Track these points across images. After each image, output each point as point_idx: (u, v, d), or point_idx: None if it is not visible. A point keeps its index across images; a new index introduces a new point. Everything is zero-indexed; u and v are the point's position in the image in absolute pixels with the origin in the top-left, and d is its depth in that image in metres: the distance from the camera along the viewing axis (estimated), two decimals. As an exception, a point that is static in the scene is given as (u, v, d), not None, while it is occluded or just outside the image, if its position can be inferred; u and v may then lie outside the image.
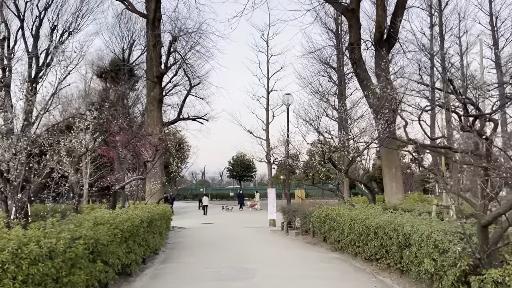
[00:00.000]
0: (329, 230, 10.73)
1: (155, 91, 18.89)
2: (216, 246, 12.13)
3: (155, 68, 18.49)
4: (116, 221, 6.72)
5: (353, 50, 18.81)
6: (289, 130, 16.13)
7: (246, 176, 70.88)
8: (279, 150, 19.48)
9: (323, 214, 11.29)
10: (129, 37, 30.72)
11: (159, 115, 18.60)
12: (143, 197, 14.43)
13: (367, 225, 8.11)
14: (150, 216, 8.72)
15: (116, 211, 8.10)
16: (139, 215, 8.05)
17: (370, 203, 11.60)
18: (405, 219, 6.96)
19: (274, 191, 19.70)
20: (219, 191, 75.61)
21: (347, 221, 9.34)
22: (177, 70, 31.69)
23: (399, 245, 6.80)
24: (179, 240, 13.60)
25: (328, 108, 23.58)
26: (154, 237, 9.34)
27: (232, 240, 13.99)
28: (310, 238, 13.32)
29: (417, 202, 14.77)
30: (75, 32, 26.54)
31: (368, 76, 18.51)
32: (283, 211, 16.31)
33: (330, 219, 10.70)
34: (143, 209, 8.88)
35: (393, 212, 8.82)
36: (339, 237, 9.92)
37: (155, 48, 17.99)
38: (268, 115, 20.64)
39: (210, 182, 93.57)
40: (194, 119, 33.86)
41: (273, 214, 18.99)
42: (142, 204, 12.52)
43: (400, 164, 17.42)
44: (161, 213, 10.51)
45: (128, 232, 7.10)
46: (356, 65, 18.62)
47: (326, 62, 27.12)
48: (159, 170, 17.99)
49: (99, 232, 5.77)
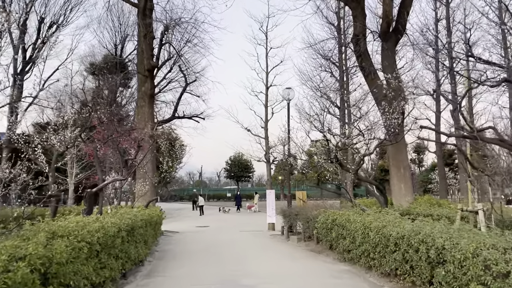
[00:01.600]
0: (337, 237, 9.51)
1: (146, 85, 17.64)
2: (210, 255, 10.88)
3: (146, 61, 17.24)
4: (83, 231, 5.47)
5: (358, 42, 17.59)
6: (290, 127, 14.86)
7: (244, 177, 69.71)
8: (278, 149, 18.26)
9: (330, 219, 10.06)
10: (121, 31, 29.43)
11: (151, 111, 17.36)
12: (129, 200, 13.16)
13: (386, 235, 6.89)
14: (131, 223, 7.47)
15: (89, 218, 6.85)
16: (116, 222, 6.80)
17: (382, 206, 10.39)
18: (436, 229, 5.73)
19: (274, 192, 18.48)
20: (216, 191, 74.42)
21: (359, 229, 8.13)
22: (172, 66, 30.42)
23: (429, 261, 5.58)
24: (170, 248, 12.34)
25: (330, 106, 22.45)
26: (138, 246, 8.09)
27: (228, 247, 12.76)
28: (314, 245, 12.09)
29: (429, 205, 13.57)
30: (64, 25, 25.24)
31: (374, 69, 17.30)
32: (284, 214, 15.08)
33: (338, 225, 9.48)
34: (122, 215, 7.63)
35: (408, 217, 7.65)
36: (349, 247, 8.70)
37: (146, 39, 16.74)
38: (267, 112, 19.43)
39: (207, 183, 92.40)
40: (190, 118, 32.59)
41: (272, 218, 17.76)
42: (127, 208, 11.28)
43: (409, 164, 16.20)
44: (147, 219, 9.27)
45: (100, 244, 5.85)
46: (361, 58, 17.39)
47: (327, 57, 25.94)
48: (150, 170, 16.74)
49: (54, 248, 4.52)
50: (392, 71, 16.22)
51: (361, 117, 13.38)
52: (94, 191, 7.75)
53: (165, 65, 30.06)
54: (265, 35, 21.84)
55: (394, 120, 10.09)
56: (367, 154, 9.34)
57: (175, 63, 30.19)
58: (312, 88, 24.17)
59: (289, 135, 13.84)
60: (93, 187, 13.39)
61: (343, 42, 23.23)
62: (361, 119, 13.41)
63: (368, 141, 9.23)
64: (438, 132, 11.38)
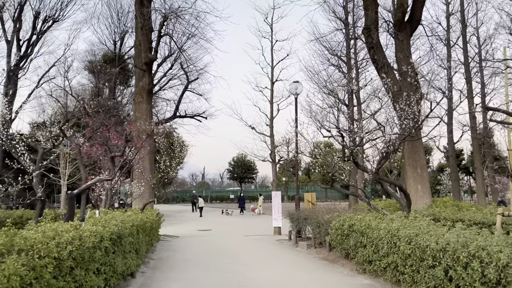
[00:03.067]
0: (356, 246, 8.36)
1: (144, 80, 16.55)
2: (210, 264, 9.76)
3: (144, 54, 16.16)
4: (50, 244, 4.37)
5: (370, 34, 16.47)
6: (298, 123, 13.68)
7: (247, 178, 68.69)
8: (283, 149, 17.12)
9: (346, 224, 8.92)
10: (120, 27, 28.40)
11: (149, 107, 16.29)
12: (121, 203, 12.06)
13: (421, 245, 5.74)
14: (117, 230, 6.36)
15: (66, 225, 5.75)
16: (98, 231, 5.69)
17: (404, 210, 9.23)
18: (494, 241, 4.58)
19: (280, 194, 17.33)
20: (219, 193, 73.32)
21: (384, 237, 6.98)
22: (173, 63, 29.40)
23: (483, 282, 4.44)
24: (167, 255, 11.21)
25: (338, 103, 21.27)
26: (126, 257, 6.97)
27: (232, 254, 11.63)
28: (326, 252, 10.94)
29: (456, 208, 12.40)
30: (60, 20, 24.25)
31: (388, 62, 16.15)
32: (291, 218, 13.94)
33: (356, 231, 8.33)
34: (107, 221, 6.51)
35: (437, 222, 6.53)
36: (371, 257, 7.55)
37: (144, 30, 15.67)
38: (272, 109, 18.29)
39: (210, 184, 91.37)
40: (192, 117, 31.56)
41: (278, 221, 16.62)
42: (119, 212, 10.19)
43: (426, 164, 15.03)
44: (139, 224, 8.15)
45: (74, 259, 4.75)
46: (374, 50, 16.26)
47: (335, 53, 24.79)
48: (147, 171, 15.65)
49: (2, 269, 3.41)
50: (408, 64, 15.07)
51: (375, 113, 12.23)
52: (76, 193, 6.65)
53: (166, 62, 29.05)
54: (270, 27, 20.77)
55: (416, 114, 8.97)
56: (392, 151, 8.20)
57: (176, 60, 29.16)
58: (318, 84, 23.03)
59: (297, 132, 12.72)
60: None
61: (352, 35, 22.07)
62: (374, 114, 12.30)
63: (390, 136, 8.07)
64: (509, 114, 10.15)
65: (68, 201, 6.53)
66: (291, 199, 60.62)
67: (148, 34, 16.09)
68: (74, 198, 6.67)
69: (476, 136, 21.68)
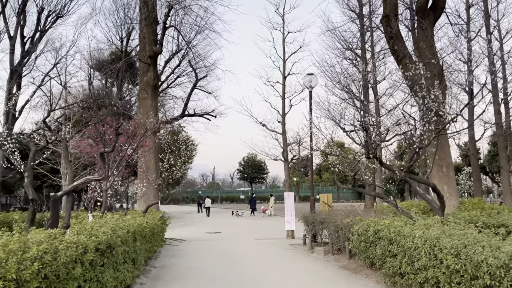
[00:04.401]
0: (383, 255, 7.30)
1: (149, 75, 15.67)
2: (218, 274, 8.78)
3: (148, 47, 15.28)
4: (9, 262, 3.43)
5: (389, 23, 15.35)
6: (312, 118, 12.60)
7: (257, 178, 67.70)
8: (295, 149, 16.05)
9: (371, 230, 7.85)
10: (127, 23, 27.64)
11: (154, 103, 15.41)
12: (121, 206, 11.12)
13: (473, 260, 4.68)
14: (107, 239, 5.40)
15: (41, 234, 4.83)
16: (81, 240, 4.74)
17: (436, 214, 8.13)
18: None
19: (292, 195, 16.30)
20: (229, 193, 72.45)
21: (420, 246, 5.92)
22: (181, 60, 28.59)
23: None
24: (171, 262, 10.26)
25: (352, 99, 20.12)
26: (119, 269, 6.01)
27: (241, 261, 10.63)
28: (346, 260, 9.88)
29: (481, 210, 11.25)
30: (65, 15, 23.51)
31: (409, 52, 15.02)
32: (306, 221, 12.90)
33: (384, 239, 7.26)
34: (94, 228, 5.56)
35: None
36: (403, 269, 6.47)
37: (147, 20, 14.78)
38: (284, 104, 17.25)
39: (220, 184, 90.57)
40: (201, 116, 30.72)
41: (291, 224, 15.59)
42: (118, 215, 9.25)
43: (452, 162, 13.86)
44: (137, 230, 7.20)
45: (46, 277, 3.82)
46: (394, 41, 15.14)
47: (349, 47, 23.64)
48: (153, 170, 14.75)
49: None
50: (432, 54, 13.92)
51: (395, 107, 11.11)
52: (61, 195, 5.74)
53: (174, 58, 28.23)
54: (282, 18, 19.69)
55: (441, 107, 7.90)
56: (423, 146, 7.12)
57: (184, 57, 28.34)
58: (332, 79, 21.90)
59: (312, 127, 11.67)
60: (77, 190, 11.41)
61: (368, 27, 20.92)
62: (395, 109, 11.20)
63: (424, 129, 6.98)
64: None
65: (51, 204, 5.63)
66: (302, 199, 59.50)
67: (152, 26, 15.20)
68: (58, 201, 5.76)
69: (501, 133, 20.36)
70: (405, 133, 7.30)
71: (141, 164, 13.67)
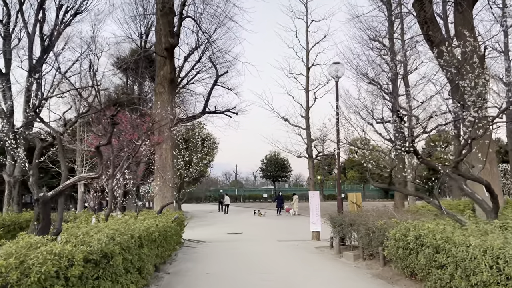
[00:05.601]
0: (427, 265, 6.23)
1: (165, 68, 14.96)
2: (237, 282, 7.90)
3: (164, 39, 14.55)
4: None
5: (422, 7, 14.11)
6: (339, 110, 11.53)
7: (280, 177, 66.62)
8: (322, 141, 14.98)
9: (411, 235, 6.78)
10: (146, 19, 27.14)
11: (171, 98, 14.68)
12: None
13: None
14: (100, 248, 4.57)
15: (27, 242, 4.06)
16: (65, 252, 3.93)
17: (488, 216, 7.00)
18: None
19: (318, 194, 15.28)
20: (252, 192, 71.65)
21: (479, 257, 4.85)
22: (201, 56, 27.93)
23: None
24: (187, 267, 9.45)
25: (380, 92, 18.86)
26: (120, 280, 5.19)
27: (263, 266, 9.70)
28: (380, 267, 8.83)
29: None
30: (83, 11, 23.18)
31: (445, 37, 13.75)
32: (333, 222, 11.87)
33: (428, 246, 6.19)
34: (88, 234, 4.75)
35: None
36: (457, 283, 5.40)
37: (163, 11, 14.04)
38: (308, 97, 16.23)
39: (243, 183, 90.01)
40: (222, 113, 30.03)
41: (317, 225, 14.58)
42: (130, 216, 8.51)
43: (495, 157, 12.53)
44: (144, 235, 6.38)
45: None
46: (428, 26, 13.89)
47: (376, 38, 22.32)
48: (169, 168, 14.01)
49: None
50: (473, 38, 12.61)
51: (437, 92, 9.94)
52: (51, 195, 4.98)
53: (193, 54, 27.59)
54: (305, 5, 18.66)
55: (482, 97, 6.76)
56: (477, 137, 6.02)
57: (204, 52, 27.68)
58: (358, 72, 20.67)
59: (339, 119, 10.65)
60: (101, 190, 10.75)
61: (398, 14, 19.57)
62: (430, 99, 10.06)
63: (477, 117, 5.86)
64: None
65: (40, 206, 4.87)
66: (327, 198, 58.07)
67: (168, 16, 14.45)
68: (48, 203, 5.01)
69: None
70: (456, 120, 6.19)
71: (157, 162, 12.96)
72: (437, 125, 7.36)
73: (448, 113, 7.36)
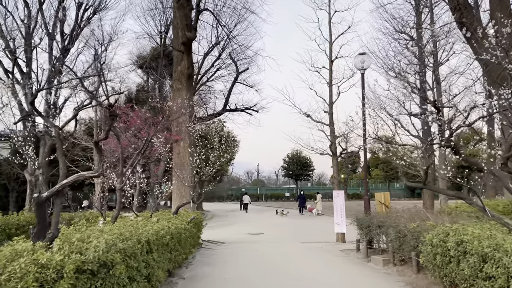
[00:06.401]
0: (473, 275, 5.44)
1: (183, 64, 14.50)
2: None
3: (181, 32, 14.06)
4: None
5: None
6: (365, 103, 10.74)
7: (303, 175, 65.60)
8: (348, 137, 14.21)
9: (451, 241, 5.99)
10: (166, 15, 26.85)
11: (189, 94, 14.19)
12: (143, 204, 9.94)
13: None
14: (97, 256, 4.03)
15: (12, 250, 3.55)
16: (54, 262, 3.40)
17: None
18: None
19: (342, 194, 14.50)
20: (274, 191, 70.95)
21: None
22: (221, 52, 27.44)
23: None
24: (203, 271, 8.90)
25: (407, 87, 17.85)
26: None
27: (285, 271, 9.04)
28: (413, 274, 8.04)
29: None
30: (103, 9, 23.00)
31: (481, 24, 12.74)
32: (360, 224, 11.10)
33: (473, 254, 5.40)
34: (82, 243, 4.22)
35: None
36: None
37: (179, 3, 13.56)
38: (331, 92, 15.42)
39: (265, 182, 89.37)
40: (243, 110, 29.47)
41: (341, 226, 13.82)
42: (142, 217, 8.03)
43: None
44: (153, 239, 5.84)
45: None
46: (460, 12, 12.91)
47: (403, 30, 21.24)
48: (187, 166, 13.52)
49: None
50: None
51: (467, 88, 9.07)
52: (47, 196, 4.49)
53: (210, 51, 27.16)
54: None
55: None
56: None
57: (224, 49, 27.19)
58: (384, 66, 19.67)
59: (365, 113, 9.88)
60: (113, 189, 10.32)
61: (427, 2, 18.46)
62: (470, 87, 9.25)
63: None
64: None
65: (35, 208, 4.39)
66: (351, 197, 56.84)
67: (184, 9, 13.95)
68: (44, 204, 4.53)
69: None
70: (504, 110, 5.38)
71: (175, 160, 12.50)
72: (480, 116, 6.54)
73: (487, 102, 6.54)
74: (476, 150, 29.45)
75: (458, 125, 5.81)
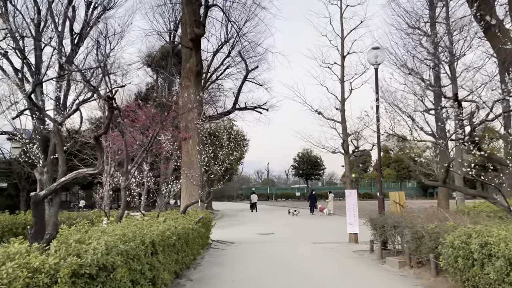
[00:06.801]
0: (499, 280, 5.07)
1: (191, 61, 14.26)
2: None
3: (189, 29, 13.83)
4: None
5: (472, -16, 12.67)
6: (379, 99, 10.34)
7: (313, 175, 65.03)
8: (360, 135, 13.81)
9: (475, 243, 5.61)
10: (175, 13, 26.67)
11: (197, 92, 13.95)
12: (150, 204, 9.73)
13: None
14: (96, 259, 3.76)
15: (4, 253, 3.31)
16: (47, 266, 3.14)
17: None
18: None
19: (355, 193, 14.11)
20: (284, 190, 70.59)
21: None
22: (230, 50, 27.19)
23: None
24: (211, 272, 8.63)
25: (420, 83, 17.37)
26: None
27: (296, 272, 8.72)
28: (431, 277, 7.66)
29: None
30: (112, 8, 22.88)
31: (498, 17, 12.26)
32: (374, 224, 10.71)
33: (499, 257, 5.03)
34: (86, 243, 3.96)
35: None
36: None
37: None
38: (343, 88, 15.02)
39: (275, 181, 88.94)
40: (253, 109, 29.20)
41: (354, 226, 13.45)
42: (150, 217, 7.78)
43: None
44: (158, 240, 5.58)
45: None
46: (479, 4, 12.42)
47: (416, 26, 20.71)
48: (196, 165, 13.27)
49: None
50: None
51: (487, 82, 8.66)
52: (45, 195, 4.26)
53: (220, 49, 26.92)
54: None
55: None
56: None
57: (233, 47, 26.94)
58: (396, 63, 19.18)
59: (378, 108, 9.50)
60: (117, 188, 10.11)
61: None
62: (490, 80, 8.81)
63: None
64: None
65: (32, 208, 4.17)
66: (362, 197, 56.21)
67: (193, 5, 13.71)
68: (41, 204, 4.29)
69: None
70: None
71: (183, 158, 12.27)
72: (501, 112, 6.14)
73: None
74: (490, 148, 28.69)
75: (482, 120, 5.42)
